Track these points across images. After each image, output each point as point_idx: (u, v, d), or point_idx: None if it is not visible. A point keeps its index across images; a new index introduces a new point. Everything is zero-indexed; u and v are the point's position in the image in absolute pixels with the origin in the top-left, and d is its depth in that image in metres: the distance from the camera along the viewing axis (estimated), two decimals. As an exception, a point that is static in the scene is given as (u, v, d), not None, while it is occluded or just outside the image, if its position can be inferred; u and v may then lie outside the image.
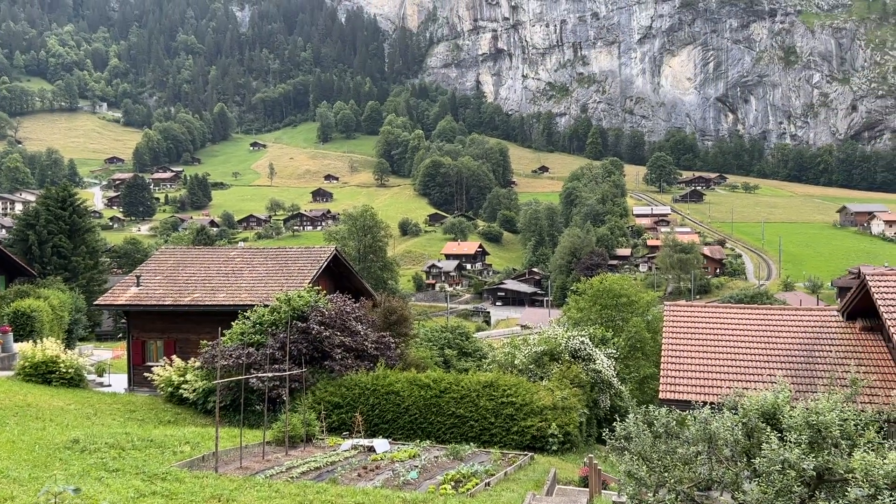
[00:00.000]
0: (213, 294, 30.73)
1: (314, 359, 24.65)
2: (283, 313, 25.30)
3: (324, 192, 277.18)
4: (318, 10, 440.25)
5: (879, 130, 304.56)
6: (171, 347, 30.73)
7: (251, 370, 23.01)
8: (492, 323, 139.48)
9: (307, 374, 23.55)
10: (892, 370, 19.35)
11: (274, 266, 32.57)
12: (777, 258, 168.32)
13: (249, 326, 25.74)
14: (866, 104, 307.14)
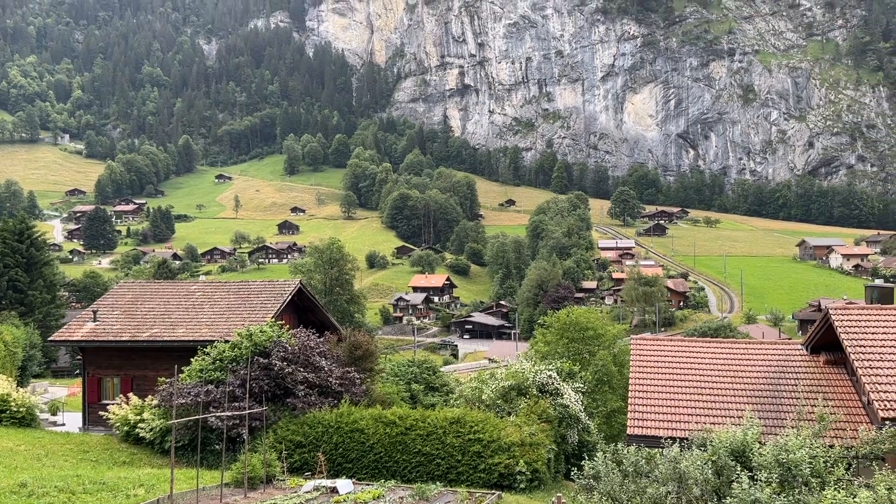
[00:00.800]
0: (172, 329, 29.95)
1: (276, 396, 24.01)
2: (244, 349, 24.67)
3: (290, 225, 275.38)
4: (285, 44, 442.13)
5: (835, 167, 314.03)
6: (129, 385, 29.78)
7: (210, 408, 22.32)
8: (459, 356, 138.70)
9: (268, 411, 22.90)
10: (857, 404, 19.45)
11: (236, 300, 31.92)
12: (739, 291, 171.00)
13: (209, 363, 25.03)
14: (822, 141, 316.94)
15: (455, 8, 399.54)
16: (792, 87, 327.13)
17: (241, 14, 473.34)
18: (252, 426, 22.13)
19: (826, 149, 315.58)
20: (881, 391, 17.01)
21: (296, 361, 24.37)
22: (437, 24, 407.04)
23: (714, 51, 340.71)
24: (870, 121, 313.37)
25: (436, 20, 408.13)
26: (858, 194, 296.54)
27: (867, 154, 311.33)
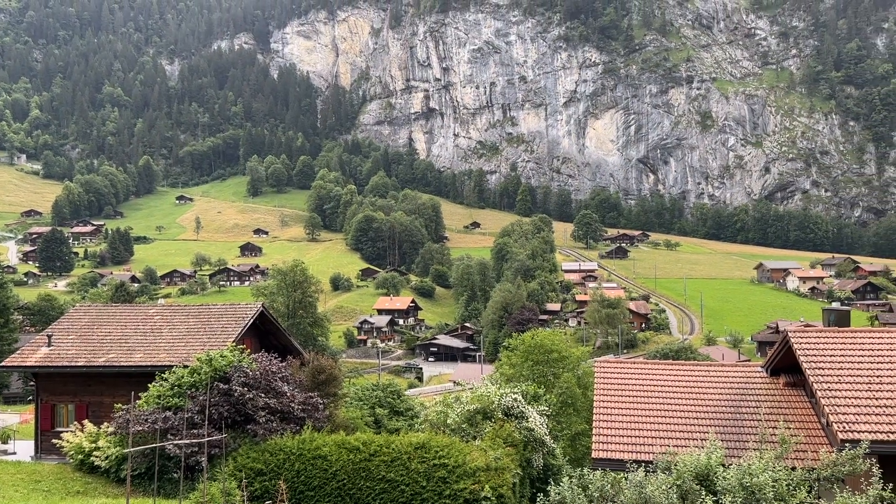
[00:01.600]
0: (129, 354, 29.21)
1: (236, 422, 23.48)
2: (203, 374, 24.12)
3: (253, 247, 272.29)
4: (249, 65, 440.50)
5: (791, 191, 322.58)
6: (84, 411, 28.89)
7: (168, 436, 21.73)
8: (424, 379, 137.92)
9: (228, 438, 22.36)
10: (817, 426, 19.74)
11: (196, 324, 31.28)
12: (699, 313, 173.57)
13: (167, 389, 24.41)
14: (778, 166, 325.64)
15: (420, 33, 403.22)
16: (748, 113, 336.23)
17: (205, 35, 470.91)
18: (211, 454, 21.58)
19: (782, 174, 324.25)
20: (840, 413, 17.29)
21: (257, 387, 23.90)
22: (403, 48, 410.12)
23: (673, 78, 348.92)
24: (823, 147, 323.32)
25: (401, 44, 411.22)
26: (813, 218, 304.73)
27: (821, 179, 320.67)
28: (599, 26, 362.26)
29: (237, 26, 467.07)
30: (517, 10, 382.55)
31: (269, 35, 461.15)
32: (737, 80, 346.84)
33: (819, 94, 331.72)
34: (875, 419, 17.03)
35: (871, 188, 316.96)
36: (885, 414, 17.23)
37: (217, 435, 20.97)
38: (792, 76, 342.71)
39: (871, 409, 17.40)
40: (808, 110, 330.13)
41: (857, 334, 21.30)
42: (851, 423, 16.91)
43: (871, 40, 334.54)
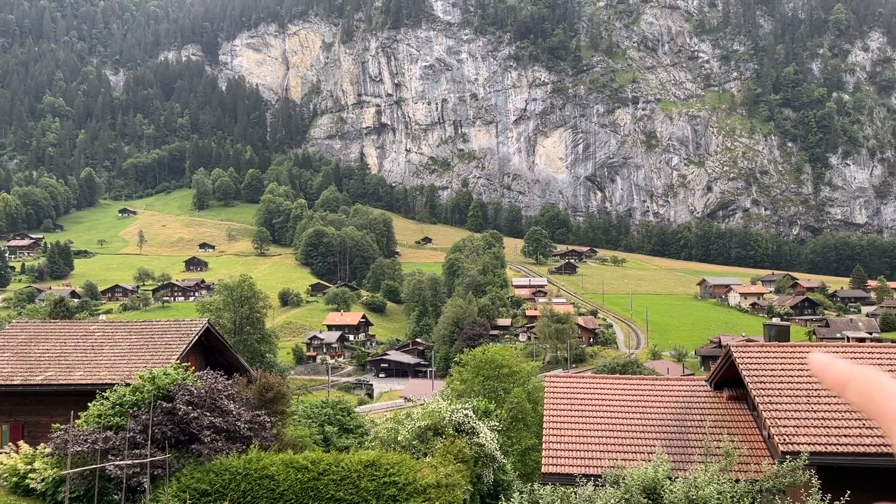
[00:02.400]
0: (68, 372, 28.20)
1: (180, 442, 22.86)
2: (146, 393, 23.44)
3: (198, 261, 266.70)
4: (197, 77, 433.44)
5: (732, 210, 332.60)
6: (19, 432, 27.73)
7: (109, 456, 21.02)
8: (374, 395, 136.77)
9: (172, 458, 21.75)
10: (759, 439, 20.26)
11: (139, 341, 30.43)
12: (645, 328, 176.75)
13: (108, 408, 23.63)
14: (720, 185, 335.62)
15: (372, 48, 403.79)
16: (691, 134, 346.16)
17: (152, 46, 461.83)
18: (154, 474, 20.95)
19: (723, 193, 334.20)
20: (781, 426, 17.79)
21: (202, 405, 23.34)
22: (354, 63, 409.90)
23: (619, 98, 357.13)
24: (763, 167, 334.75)
25: (353, 59, 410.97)
26: (753, 236, 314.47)
27: (761, 198, 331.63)
28: (548, 46, 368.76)
29: (185, 37, 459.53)
30: (468, 29, 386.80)
31: (218, 47, 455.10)
32: (680, 101, 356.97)
33: (759, 116, 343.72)
34: (814, 431, 17.58)
35: (808, 207, 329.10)
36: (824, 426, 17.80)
37: (160, 455, 20.39)
38: (733, 98, 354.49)
39: (810, 422, 17.95)
40: (749, 131, 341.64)
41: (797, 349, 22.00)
42: (791, 435, 17.42)
43: (807, 65, 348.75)
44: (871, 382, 1.12)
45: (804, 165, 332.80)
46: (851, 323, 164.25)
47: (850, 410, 18.37)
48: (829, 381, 1.15)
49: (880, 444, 16.94)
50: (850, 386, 1.13)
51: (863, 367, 1.17)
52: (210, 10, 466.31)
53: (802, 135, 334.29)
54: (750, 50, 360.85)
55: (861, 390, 1.12)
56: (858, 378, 1.12)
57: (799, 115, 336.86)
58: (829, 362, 1.18)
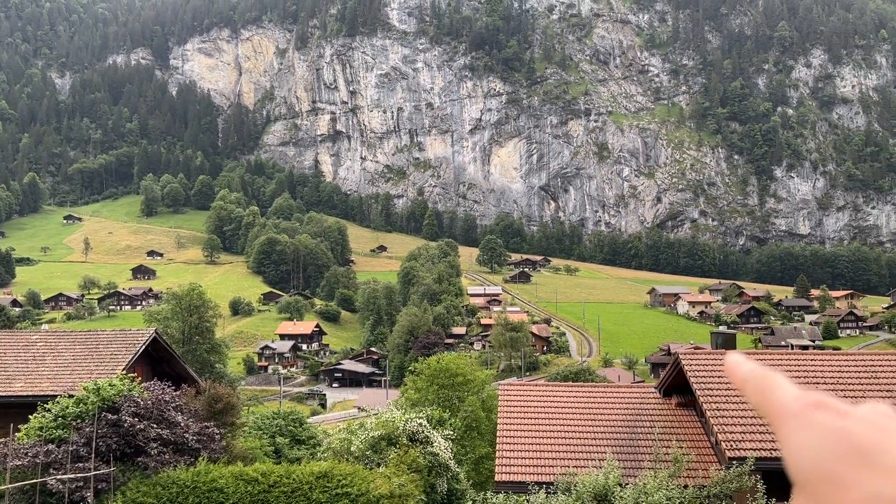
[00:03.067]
0: (8, 383, 27.22)
1: (126, 455, 22.22)
2: (90, 404, 22.73)
3: (146, 269, 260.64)
4: (146, 81, 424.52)
5: (681, 220, 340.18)
6: (-49, 448, 26.55)
7: (51, 470, 20.30)
8: (328, 406, 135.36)
9: (117, 472, 21.13)
10: (707, 445, 20.66)
11: (83, 351, 29.54)
12: (597, 336, 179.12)
13: (50, 420, 22.85)
14: (669, 196, 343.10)
15: (327, 55, 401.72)
16: (642, 146, 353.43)
17: (99, 49, 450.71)
18: (98, 489, 20.32)
19: (672, 204, 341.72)
20: (728, 432, 18.19)
21: (149, 417, 22.75)
22: (309, 69, 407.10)
23: (572, 110, 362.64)
24: (710, 179, 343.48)
25: (307, 66, 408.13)
26: (701, 246, 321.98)
27: (708, 209, 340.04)
28: (503, 58, 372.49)
29: (134, 41, 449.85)
30: (424, 38, 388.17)
31: (169, 51, 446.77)
32: (631, 113, 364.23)
33: (706, 129, 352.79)
34: (759, 437, 18.02)
35: (753, 218, 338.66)
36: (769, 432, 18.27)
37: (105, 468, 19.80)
38: (682, 111, 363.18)
39: (755, 428, 18.40)
40: (697, 144, 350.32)
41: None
42: (738, 441, 17.82)
43: (753, 80, 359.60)
44: (764, 380, 1.15)
45: (750, 177, 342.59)
46: (795, 331, 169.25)
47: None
48: (735, 381, 1.19)
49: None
50: (749, 385, 1.15)
51: (762, 368, 1.19)
52: (161, 14, 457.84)
53: (748, 148, 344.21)
54: (698, 64, 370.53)
55: (756, 389, 1.15)
56: (755, 377, 1.15)
57: (745, 129, 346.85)
58: (738, 362, 1.20)
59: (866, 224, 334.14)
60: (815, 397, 1.06)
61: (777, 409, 1.06)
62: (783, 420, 1.05)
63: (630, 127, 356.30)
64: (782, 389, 1.09)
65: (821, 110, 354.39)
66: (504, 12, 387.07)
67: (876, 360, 23.01)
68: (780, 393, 1.09)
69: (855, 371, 21.10)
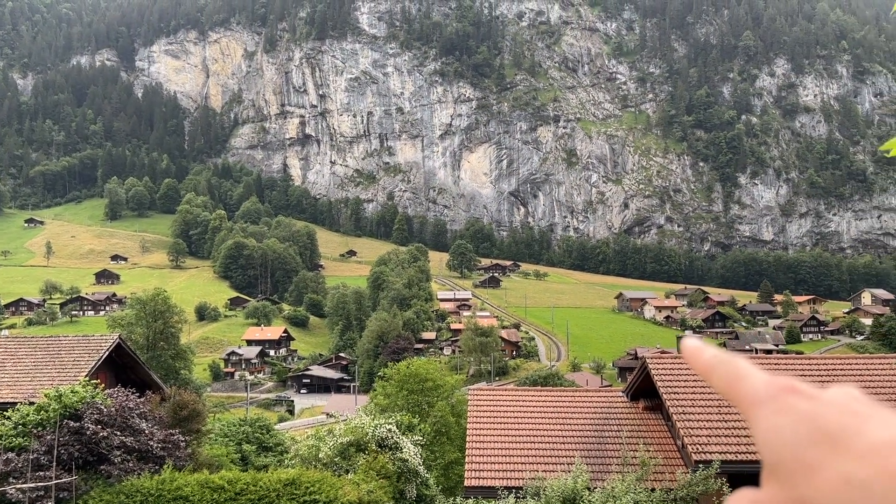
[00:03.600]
0: (-36, 392, 26.45)
1: (89, 463, 21.77)
2: (52, 412, 22.23)
3: (110, 274, 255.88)
4: (111, 83, 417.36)
5: (647, 226, 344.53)
6: None
7: (10, 479, 19.81)
8: (296, 412, 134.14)
9: (79, 481, 20.68)
10: (673, 448, 20.91)
11: (44, 357, 28.87)
12: (565, 340, 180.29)
13: (10, 428, 22.29)
14: (636, 203, 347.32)
15: (296, 58, 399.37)
16: (609, 152, 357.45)
17: (63, 50, 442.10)
18: (59, 498, 19.85)
19: (639, 210, 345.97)
20: (694, 435, 18.43)
21: (112, 424, 22.32)
22: (278, 72, 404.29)
23: (541, 117, 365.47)
24: (676, 186, 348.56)
25: (276, 69, 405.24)
26: (667, 251, 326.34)
27: (674, 215, 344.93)
28: (473, 63, 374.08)
29: (99, 42, 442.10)
30: (394, 43, 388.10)
31: (135, 53, 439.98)
32: (599, 120, 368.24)
33: (673, 137, 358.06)
34: (725, 440, 18.29)
35: (718, 224, 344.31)
36: (734, 435, 18.55)
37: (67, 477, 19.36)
38: (649, 119, 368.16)
39: (721, 431, 18.67)
40: (663, 151, 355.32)
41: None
42: (704, 444, 18.07)
43: (718, 88, 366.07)
44: (730, 367, 1.14)
45: (715, 184, 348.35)
46: (759, 335, 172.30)
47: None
48: (698, 368, 1.16)
49: (785, 451, 17.75)
50: (714, 372, 1.14)
51: (727, 354, 1.18)
52: (126, 15, 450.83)
53: (713, 155, 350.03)
54: (665, 73, 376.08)
55: (722, 375, 1.13)
56: (721, 364, 1.13)
57: (710, 136, 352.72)
58: (699, 348, 1.19)
59: (828, 230, 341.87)
60: (785, 382, 1.06)
61: (746, 395, 1.07)
62: (753, 406, 1.05)
63: (598, 134, 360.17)
64: (751, 375, 1.10)
65: (784, 119, 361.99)
66: (474, 18, 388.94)
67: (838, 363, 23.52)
68: (750, 379, 1.09)
69: (818, 375, 21.54)
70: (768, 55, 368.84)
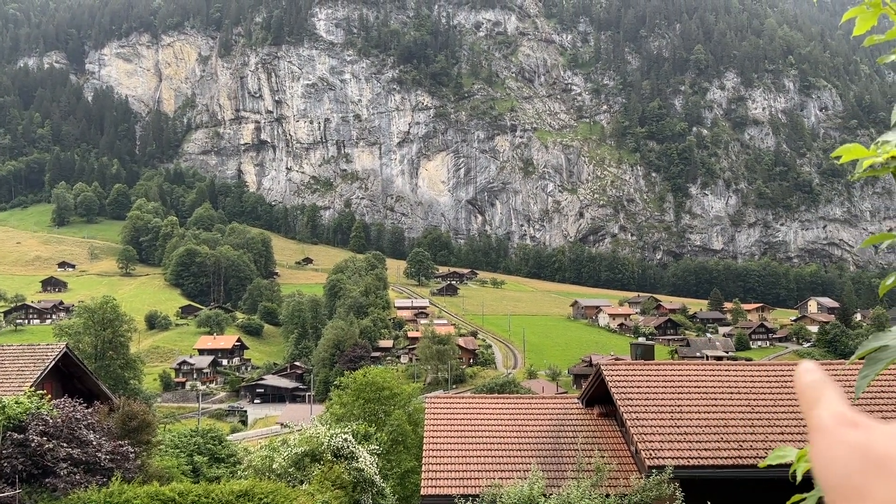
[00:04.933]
0: None
1: (33, 476, 21.05)
2: (-7, 424, 21.45)
3: (57, 282, 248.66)
4: (60, 86, 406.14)
5: (602, 235, 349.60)
6: None
7: (-55, 497, 19.03)
8: (249, 423, 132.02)
9: (22, 494, 19.99)
10: (627, 454, 21.19)
11: (-14, 368, 27.86)
12: (522, 348, 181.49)
13: (-53, 442, 21.42)
14: (591, 212, 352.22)
15: (252, 63, 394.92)
16: (565, 162, 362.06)
17: (10, 51, 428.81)
18: (-1, 515, 19.14)
19: (594, 219, 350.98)
20: (647, 441, 18.71)
21: (58, 436, 21.65)
22: (233, 77, 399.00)
23: (499, 126, 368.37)
24: (629, 195, 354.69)
25: (230, 73, 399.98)
26: (621, 260, 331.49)
27: (628, 225, 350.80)
28: (431, 72, 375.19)
29: (48, 44, 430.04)
30: (352, 50, 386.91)
31: (85, 55, 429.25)
32: (555, 130, 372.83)
33: (626, 147, 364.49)
34: (677, 446, 18.61)
35: (670, 234, 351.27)
36: (686, 441, 18.90)
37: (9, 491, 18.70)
38: (603, 130, 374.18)
39: (673, 437, 19.00)
40: (617, 161, 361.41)
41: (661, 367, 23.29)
42: (657, 450, 18.35)
43: (670, 101, 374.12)
44: (815, 392, 1.18)
45: (667, 195, 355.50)
46: (710, 342, 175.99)
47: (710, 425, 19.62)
48: (796, 388, 1.24)
49: (735, 457, 18.19)
50: (802, 395, 1.20)
51: (823, 381, 1.21)
52: (77, 17, 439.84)
53: (665, 166, 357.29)
54: (619, 85, 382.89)
55: (806, 399, 1.19)
56: (810, 388, 1.19)
57: (662, 148, 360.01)
58: (806, 371, 1.23)
59: (775, 240, 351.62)
60: (850, 416, 1.13)
61: (813, 421, 1.15)
62: (815, 432, 1.14)
63: (554, 143, 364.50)
64: (825, 404, 1.16)
65: (733, 131, 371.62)
66: (432, 27, 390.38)
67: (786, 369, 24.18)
68: (822, 408, 1.16)
69: (766, 381, 22.10)
70: (718, 69, 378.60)
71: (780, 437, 18.93)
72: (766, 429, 19.42)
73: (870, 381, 1.79)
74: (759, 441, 18.81)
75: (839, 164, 1.42)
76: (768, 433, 19.21)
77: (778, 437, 18.94)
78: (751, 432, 19.19)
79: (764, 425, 19.56)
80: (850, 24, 1.67)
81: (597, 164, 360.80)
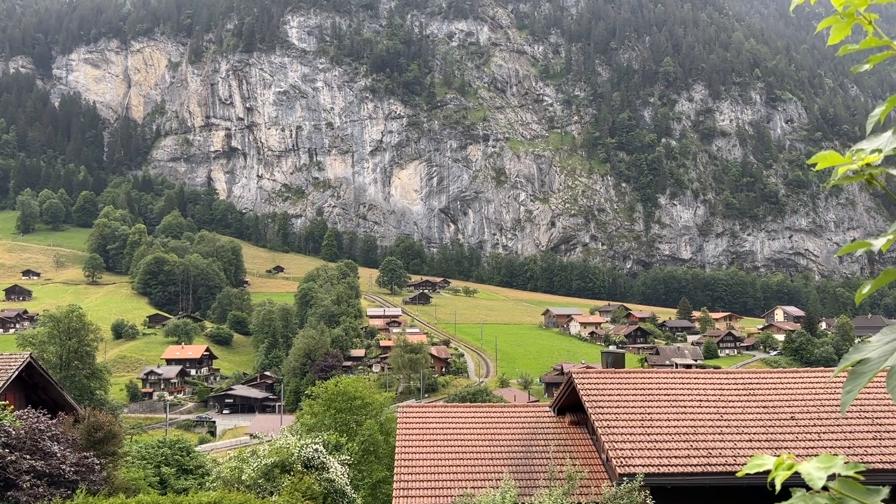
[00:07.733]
0: None
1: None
2: (-47, 437, 20.89)
3: (21, 290, 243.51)
4: (26, 91, 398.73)
5: (573, 244, 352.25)
6: None
7: None
8: (217, 433, 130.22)
9: (-18, 510, 19.46)
10: (599, 462, 21.30)
11: (-55, 379, 27.13)
12: (494, 357, 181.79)
13: None
14: (562, 221, 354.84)
15: (222, 70, 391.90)
16: (537, 172, 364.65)
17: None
18: (-42, 530, 18.62)
19: (565, 228, 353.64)
20: (618, 449, 18.83)
21: (21, 447, 21.14)
22: (203, 84, 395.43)
23: (471, 135, 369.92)
24: (600, 205, 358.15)
25: (201, 80, 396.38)
26: (592, 269, 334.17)
27: (598, 234, 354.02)
28: (404, 81, 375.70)
29: (14, 48, 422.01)
30: (324, 58, 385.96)
31: (52, 60, 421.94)
32: (527, 140, 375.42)
33: (597, 158, 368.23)
34: (648, 453, 18.76)
35: (640, 243, 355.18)
36: (657, 448, 19.06)
37: (-34, 507, 18.17)
38: (574, 140, 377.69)
39: (644, 444, 19.15)
40: (588, 171, 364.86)
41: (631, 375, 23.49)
42: (628, 457, 18.48)
43: (639, 112, 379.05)
44: None
45: (636, 204, 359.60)
46: (679, 350, 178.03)
47: (679, 433, 19.83)
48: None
49: (705, 464, 18.40)
50: None
51: None
52: (44, 22, 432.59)
53: (635, 176, 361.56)
54: (589, 96, 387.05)
55: None
56: None
57: (632, 158, 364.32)
58: None
59: (743, 250, 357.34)
60: None
61: None
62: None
63: (526, 153, 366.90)
64: None
65: (701, 142, 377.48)
66: (405, 37, 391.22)
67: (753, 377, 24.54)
68: None
69: (734, 388, 22.41)
70: (687, 81, 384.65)
71: (748, 445, 19.20)
72: (735, 436, 19.68)
73: (855, 395, 1.75)
74: (728, 448, 19.05)
75: (815, 171, 1.52)
76: (737, 440, 19.46)
77: (746, 445, 19.20)
78: (720, 439, 19.44)
79: (732, 432, 19.82)
80: (816, 39, 1.75)
81: (568, 173, 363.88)
